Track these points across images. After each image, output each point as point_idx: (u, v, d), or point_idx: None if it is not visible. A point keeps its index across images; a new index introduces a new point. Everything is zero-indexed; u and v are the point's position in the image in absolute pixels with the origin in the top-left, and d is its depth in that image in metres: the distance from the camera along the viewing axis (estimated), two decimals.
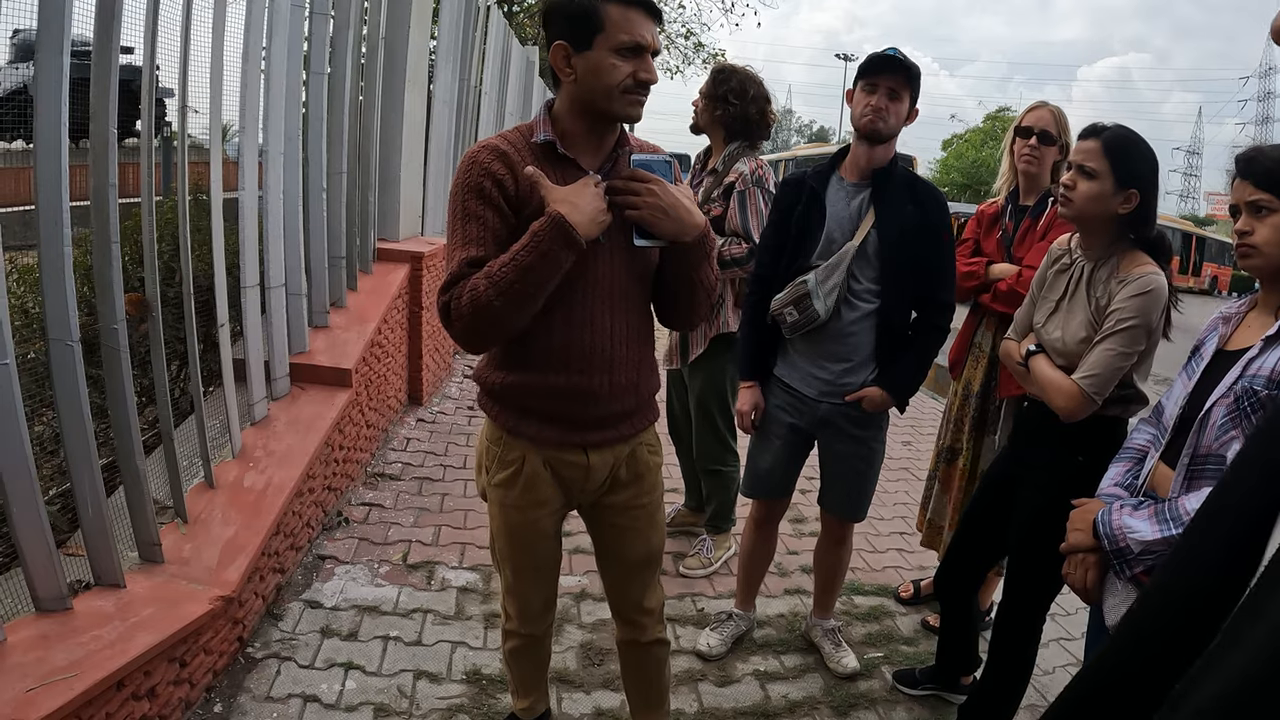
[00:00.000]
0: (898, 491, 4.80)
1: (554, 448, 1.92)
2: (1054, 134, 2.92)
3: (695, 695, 2.79)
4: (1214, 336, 1.86)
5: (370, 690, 2.63)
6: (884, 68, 2.50)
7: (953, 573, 2.68)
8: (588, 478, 1.96)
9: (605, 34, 1.67)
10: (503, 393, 1.90)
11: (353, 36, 4.26)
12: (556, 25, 1.71)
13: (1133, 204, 2.14)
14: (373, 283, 4.79)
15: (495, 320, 1.68)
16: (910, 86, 2.51)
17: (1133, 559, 1.71)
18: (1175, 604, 0.95)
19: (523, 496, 1.95)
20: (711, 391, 3.50)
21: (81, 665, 1.99)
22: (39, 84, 2.05)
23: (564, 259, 1.67)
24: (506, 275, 1.64)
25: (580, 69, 1.71)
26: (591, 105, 1.75)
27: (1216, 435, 1.68)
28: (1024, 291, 2.77)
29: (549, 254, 1.65)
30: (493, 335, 1.76)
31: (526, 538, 2.01)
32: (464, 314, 1.68)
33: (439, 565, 3.43)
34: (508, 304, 1.66)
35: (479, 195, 1.72)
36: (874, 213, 2.57)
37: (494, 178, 1.72)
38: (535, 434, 1.90)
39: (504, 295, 1.65)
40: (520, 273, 1.64)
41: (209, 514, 2.81)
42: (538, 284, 1.67)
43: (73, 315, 2.15)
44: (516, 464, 1.93)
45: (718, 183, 3.33)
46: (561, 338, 1.81)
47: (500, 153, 1.74)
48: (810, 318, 2.60)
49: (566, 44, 1.70)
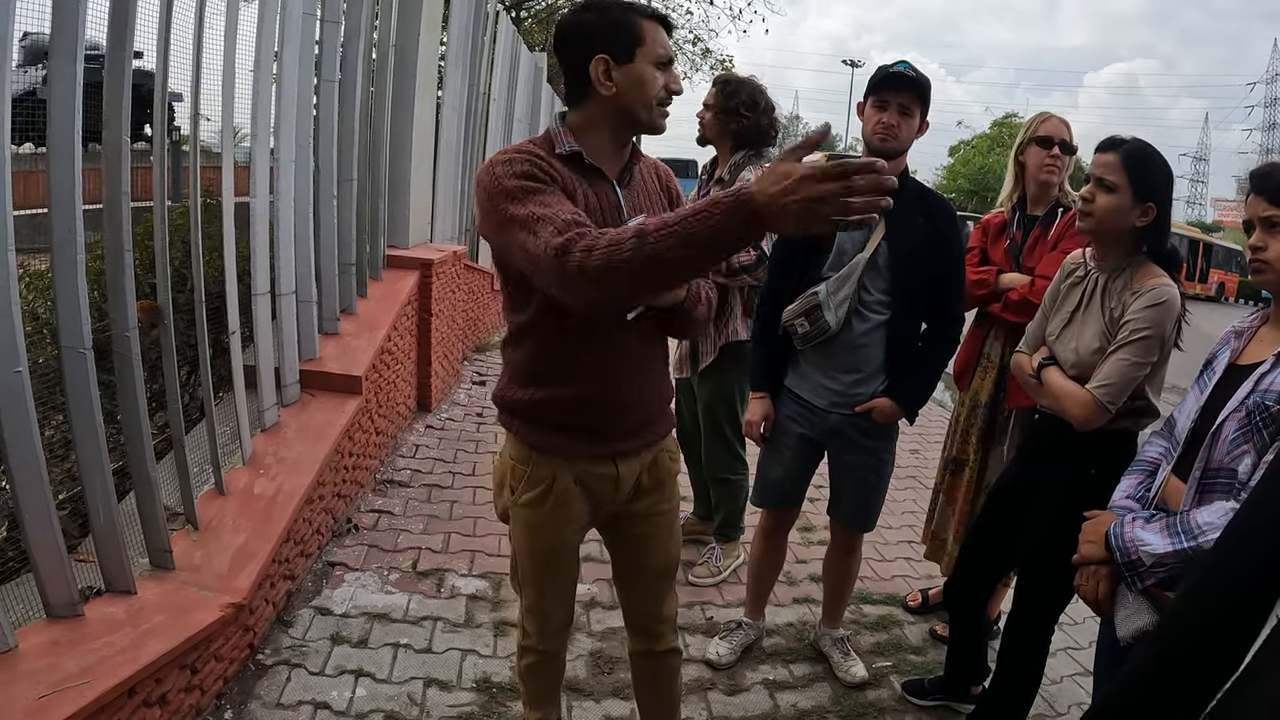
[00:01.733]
0: (905, 500, 4.78)
1: (586, 461, 1.89)
2: (1071, 143, 2.93)
3: (704, 704, 2.78)
4: (1226, 350, 1.86)
5: (381, 698, 2.63)
6: (895, 84, 2.51)
7: (963, 584, 2.67)
8: (617, 489, 1.95)
9: (645, 47, 1.70)
10: (531, 410, 1.87)
11: (363, 43, 4.28)
12: (597, 40, 1.71)
13: (1150, 217, 2.14)
14: (383, 289, 4.80)
15: (665, 272, 1.42)
16: (921, 101, 2.52)
17: (1144, 571, 1.71)
18: (1206, 619, 0.95)
19: (553, 514, 1.91)
20: (720, 400, 3.49)
21: (93, 672, 1.99)
22: (53, 91, 2.06)
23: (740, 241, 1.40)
24: (695, 227, 1.34)
25: (621, 81, 1.71)
26: (630, 116, 1.76)
27: (1228, 450, 1.68)
28: (1037, 301, 2.76)
29: (732, 231, 1.34)
30: (644, 288, 1.55)
31: (554, 556, 1.99)
32: (624, 254, 1.37)
33: (449, 572, 3.42)
34: (686, 261, 1.38)
35: (534, 178, 1.64)
36: (884, 224, 2.57)
37: (540, 168, 1.67)
38: (568, 449, 1.87)
39: (688, 246, 1.35)
40: (710, 233, 1.33)
41: (220, 521, 2.81)
42: (718, 250, 1.41)
43: (85, 323, 2.16)
44: (547, 482, 1.89)
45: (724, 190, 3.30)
46: (598, 348, 1.80)
47: (536, 155, 1.71)
48: (821, 329, 2.60)
49: (609, 57, 1.70)
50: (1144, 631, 1.73)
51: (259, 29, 3.26)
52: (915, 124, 2.53)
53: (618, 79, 1.71)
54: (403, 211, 5.33)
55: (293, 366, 3.63)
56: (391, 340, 4.48)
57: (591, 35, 1.72)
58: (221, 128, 3.00)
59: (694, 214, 1.33)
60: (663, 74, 1.74)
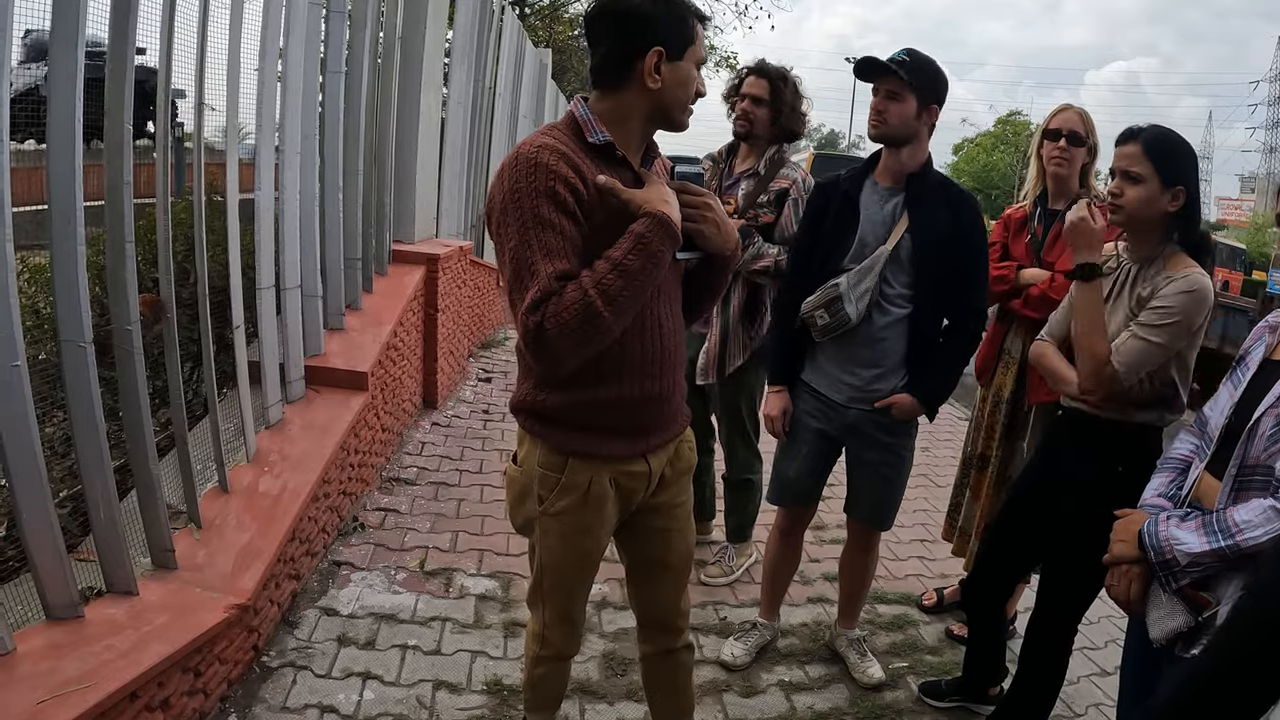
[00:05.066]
0: (918, 499, 4.73)
1: (621, 461, 1.85)
2: (1082, 135, 2.88)
3: (720, 706, 2.74)
4: (1260, 346, 1.82)
5: (389, 700, 2.58)
6: (868, 72, 2.50)
7: (982, 583, 2.64)
8: (649, 485, 1.92)
9: (695, 47, 1.70)
10: (565, 414, 1.80)
11: (369, 36, 4.24)
12: (657, 30, 1.66)
13: (1180, 201, 2.12)
14: (388, 285, 4.76)
15: (602, 333, 1.59)
16: (909, 84, 2.45)
17: (1179, 571, 1.67)
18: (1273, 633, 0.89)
19: (588, 519, 1.86)
20: (745, 402, 3.45)
21: (94, 676, 1.94)
22: (53, 79, 2.03)
23: (667, 259, 1.65)
24: (614, 282, 1.57)
25: (669, 77, 1.68)
26: (665, 113, 1.74)
27: (1265, 446, 1.63)
28: (1057, 297, 2.74)
29: (656, 255, 1.61)
30: (590, 350, 1.63)
31: (586, 561, 1.94)
32: (568, 331, 1.56)
33: (457, 572, 3.38)
34: (616, 314, 1.58)
35: (553, 201, 1.60)
36: (907, 217, 2.54)
37: (566, 182, 1.61)
38: (605, 451, 1.82)
39: (613, 305, 1.57)
40: (629, 278, 1.58)
41: (223, 519, 2.76)
42: (644, 288, 1.63)
43: (85, 316, 2.11)
44: (582, 488, 1.83)
45: (763, 188, 3.24)
46: (637, 345, 1.76)
47: (562, 153, 1.63)
48: (841, 321, 2.55)
49: (664, 50, 1.67)
50: (1178, 633, 1.68)
51: (264, 21, 3.22)
52: (908, 108, 2.47)
53: (666, 74, 1.68)
54: (408, 206, 5.29)
55: (298, 362, 3.59)
56: (397, 336, 4.43)
57: (654, 24, 1.66)
58: (226, 120, 2.96)
59: (628, 251, 1.59)
60: (697, 76, 1.74)
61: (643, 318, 1.75)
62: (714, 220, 1.75)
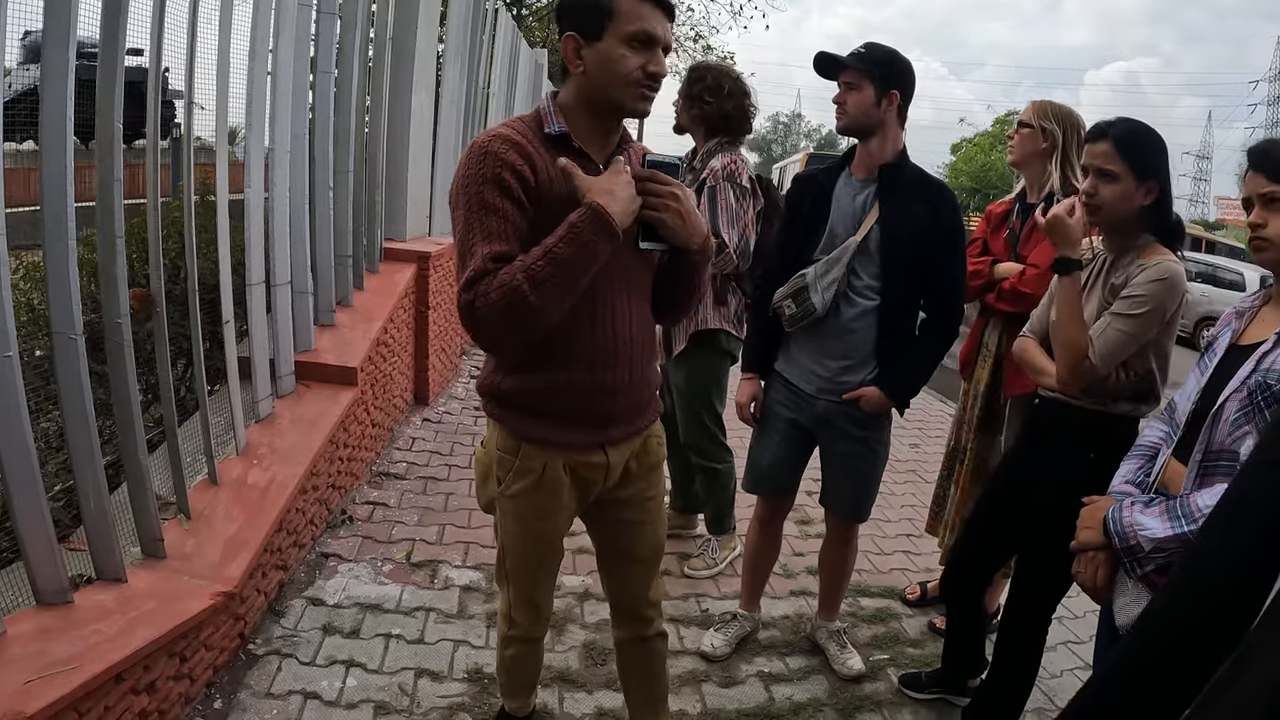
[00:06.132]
0: (905, 494, 4.77)
1: (576, 450, 1.86)
2: (1029, 121, 2.92)
3: (699, 696, 2.77)
4: (1227, 331, 1.84)
5: (371, 688, 2.62)
6: (825, 67, 2.55)
7: (961, 574, 2.65)
8: (606, 476, 1.92)
9: (615, 24, 1.63)
10: (519, 398, 1.83)
11: (360, 36, 4.27)
12: (568, 17, 1.69)
13: (1155, 194, 2.14)
14: (379, 282, 4.80)
15: (530, 317, 1.59)
16: (864, 73, 2.48)
17: (1144, 557, 1.68)
18: (1199, 601, 0.92)
19: (544, 504, 1.88)
20: (695, 388, 3.46)
21: (81, 658, 1.98)
22: (45, 77, 2.06)
23: (602, 250, 1.62)
24: (543, 269, 1.57)
25: (590, 60, 1.67)
26: (601, 97, 1.71)
27: (1229, 431, 1.65)
28: (1026, 290, 2.78)
29: (588, 245, 1.59)
30: (522, 334, 1.66)
31: (545, 545, 1.97)
32: (495, 311, 1.58)
33: (442, 564, 3.41)
34: (543, 300, 1.58)
35: (498, 186, 1.63)
36: (878, 208, 2.55)
37: (512, 168, 1.64)
38: (558, 438, 1.83)
39: (540, 290, 1.57)
40: (558, 266, 1.58)
41: (212, 510, 2.80)
42: (575, 278, 1.61)
43: (76, 308, 2.15)
44: (537, 472, 1.85)
45: (695, 180, 3.28)
46: (588, 333, 1.76)
47: (514, 142, 1.66)
48: (807, 311, 2.58)
49: (577, 35, 1.66)
50: None
51: (254, 20, 3.25)
52: (866, 97, 2.49)
53: (587, 58, 1.67)
54: (400, 205, 5.32)
55: (288, 358, 3.63)
56: (388, 333, 4.47)
57: (565, 11, 1.70)
58: (216, 117, 3.00)
59: (560, 239, 1.59)
60: (639, 54, 1.65)
61: (594, 306, 1.74)
62: (677, 210, 1.70)
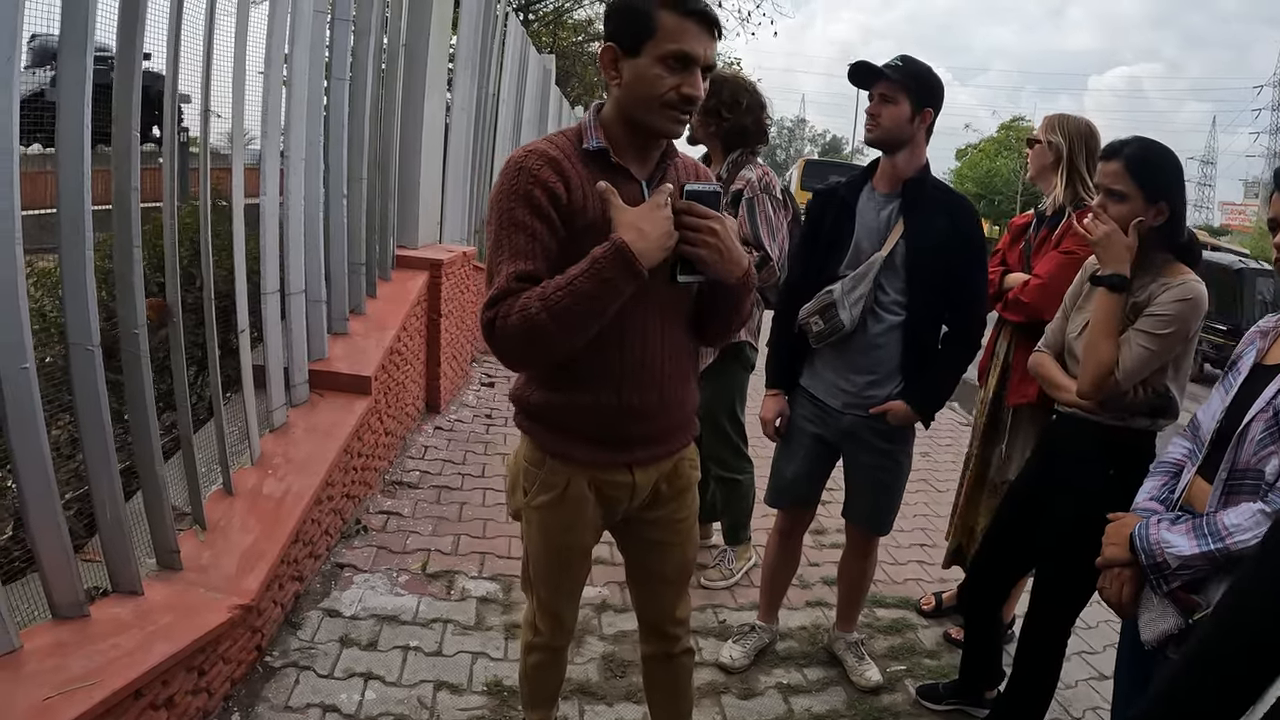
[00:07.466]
0: (918, 504, 4.74)
1: (600, 469, 1.84)
2: (1038, 137, 3.00)
3: (718, 708, 2.75)
4: (1251, 351, 1.84)
5: (390, 701, 2.60)
6: (861, 76, 2.52)
7: (979, 586, 2.65)
8: (632, 497, 1.89)
9: (655, 41, 1.58)
10: (546, 413, 1.81)
11: (373, 43, 4.27)
12: (611, 25, 1.66)
13: (1165, 216, 2.14)
14: (392, 290, 4.79)
15: (546, 344, 1.59)
16: (901, 87, 2.46)
17: (1170, 574, 1.68)
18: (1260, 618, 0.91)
19: (567, 518, 1.87)
20: (721, 402, 3.45)
21: (100, 674, 1.96)
22: (62, 86, 2.05)
23: (625, 288, 1.57)
24: (562, 300, 1.54)
25: (626, 75, 1.63)
26: (632, 114, 1.67)
27: (1255, 450, 1.65)
28: (1027, 300, 2.81)
29: (609, 281, 1.55)
30: (540, 358, 1.67)
31: (569, 558, 1.96)
32: (512, 333, 1.58)
33: (459, 575, 3.40)
34: (561, 329, 1.56)
35: (528, 204, 1.61)
36: (903, 223, 2.54)
37: (545, 186, 1.61)
38: (582, 456, 1.81)
39: (558, 320, 1.55)
40: (577, 298, 1.55)
41: (228, 521, 2.79)
42: (595, 312, 1.58)
43: (93, 320, 2.14)
44: (560, 487, 1.84)
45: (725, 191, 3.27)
46: (616, 355, 1.73)
47: (550, 159, 1.63)
48: (835, 327, 2.56)
49: (616, 46, 1.63)
50: (1169, 635, 1.70)
51: (269, 28, 3.25)
52: (901, 111, 2.47)
53: (624, 71, 1.63)
54: (412, 212, 5.32)
55: (302, 366, 3.62)
56: (400, 341, 4.46)
57: (610, 17, 1.67)
58: (231, 125, 2.99)
59: (582, 272, 1.56)
60: (675, 74, 1.60)
61: (623, 328, 1.70)
62: (716, 246, 1.63)
